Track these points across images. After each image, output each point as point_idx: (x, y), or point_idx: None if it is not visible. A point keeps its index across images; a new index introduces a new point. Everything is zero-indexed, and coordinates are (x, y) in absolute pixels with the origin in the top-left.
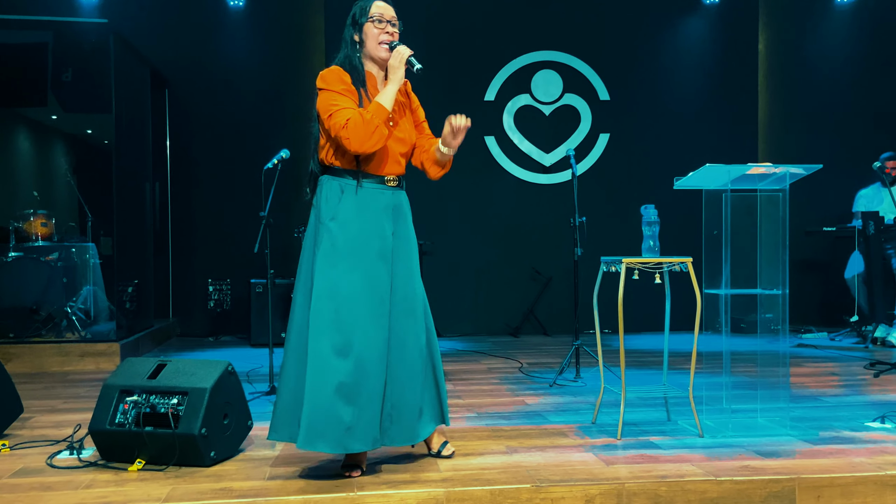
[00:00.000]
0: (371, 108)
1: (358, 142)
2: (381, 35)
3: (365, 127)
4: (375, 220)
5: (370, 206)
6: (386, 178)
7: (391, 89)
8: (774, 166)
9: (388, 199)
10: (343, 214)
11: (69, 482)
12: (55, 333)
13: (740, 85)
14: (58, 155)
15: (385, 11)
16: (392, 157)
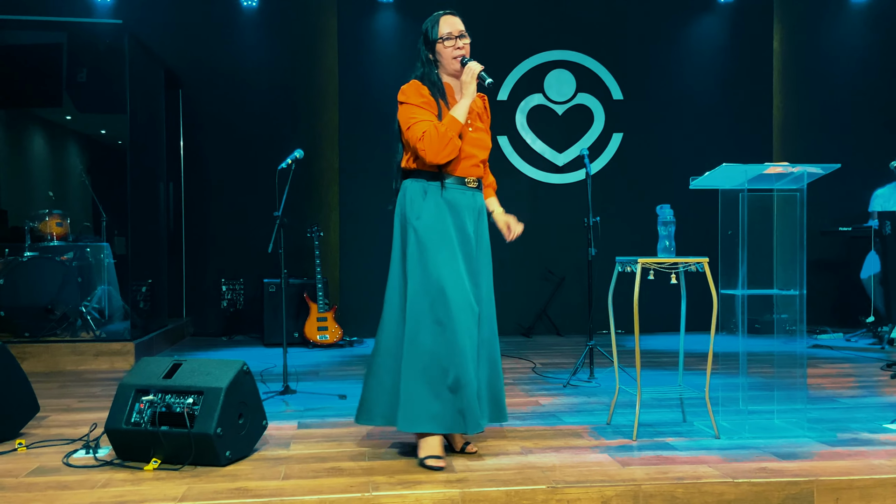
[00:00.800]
0: (445, 121)
1: (433, 153)
2: (454, 52)
3: (439, 139)
4: (458, 219)
5: (453, 206)
6: (466, 180)
7: (464, 103)
8: (792, 166)
9: (469, 199)
10: (427, 214)
11: (85, 481)
12: (70, 333)
13: (755, 84)
14: (72, 155)
15: (453, 28)
16: (472, 160)
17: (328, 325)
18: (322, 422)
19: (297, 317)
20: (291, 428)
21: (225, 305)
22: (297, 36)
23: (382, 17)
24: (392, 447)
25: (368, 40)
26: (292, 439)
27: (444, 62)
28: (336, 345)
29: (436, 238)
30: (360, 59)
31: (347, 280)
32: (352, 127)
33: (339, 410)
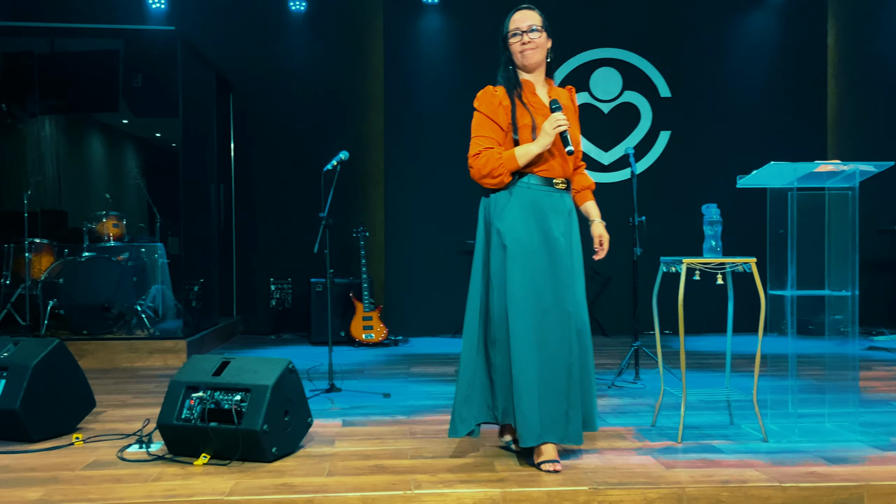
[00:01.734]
0: (506, 155)
1: (477, 175)
2: (518, 46)
3: (489, 167)
4: (543, 221)
5: (538, 208)
6: (554, 181)
7: (534, 150)
8: (843, 164)
9: (557, 201)
10: (510, 216)
11: (138, 475)
12: (126, 331)
13: (808, 80)
14: (129, 158)
15: (521, 23)
16: (560, 159)
17: (373, 325)
18: (366, 420)
19: (343, 316)
20: (336, 425)
21: (273, 304)
22: (343, 39)
23: (428, 19)
24: (434, 446)
25: (414, 42)
26: (337, 437)
27: (516, 60)
28: (381, 344)
29: (518, 241)
30: (406, 60)
31: (392, 280)
32: (397, 128)
33: (384, 409)
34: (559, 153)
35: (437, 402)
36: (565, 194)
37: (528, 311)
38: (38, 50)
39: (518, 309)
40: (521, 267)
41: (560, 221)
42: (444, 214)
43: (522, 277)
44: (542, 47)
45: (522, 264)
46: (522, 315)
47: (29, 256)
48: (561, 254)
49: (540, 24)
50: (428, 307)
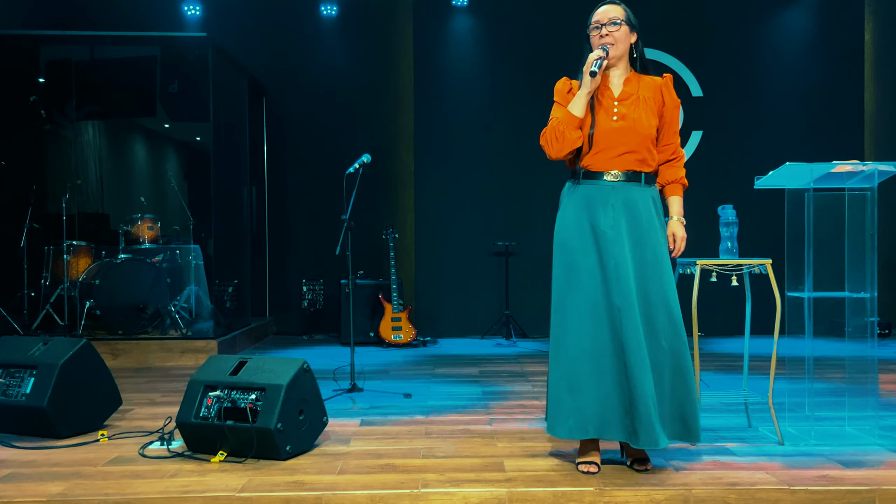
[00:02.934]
0: (561, 115)
1: (549, 149)
2: (597, 40)
3: (552, 135)
4: (590, 216)
5: (587, 202)
6: (606, 175)
7: (580, 94)
8: (861, 164)
9: (608, 194)
10: (563, 212)
11: (157, 471)
12: (160, 331)
13: (845, 78)
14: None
15: (602, 16)
16: (614, 153)
17: (402, 325)
18: (384, 419)
19: (372, 317)
20: (354, 425)
21: (305, 305)
22: (374, 42)
23: (457, 21)
24: (447, 446)
25: (443, 44)
26: (353, 436)
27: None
28: (410, 344)
29: (566, 237)
30: (435, 62)
31: (422, 281)
32: (427, 130)
33: (403, 409)
34: (610, 146)
35: (457, 402)
36: (622, 186)
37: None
38: (76, 57)
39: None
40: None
41: (608, 214)
42: (473, 216)
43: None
44: (623, 41)
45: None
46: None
47: (67, 258)
48: (608, 247)
49: (623, 17)
50: (457, 309)
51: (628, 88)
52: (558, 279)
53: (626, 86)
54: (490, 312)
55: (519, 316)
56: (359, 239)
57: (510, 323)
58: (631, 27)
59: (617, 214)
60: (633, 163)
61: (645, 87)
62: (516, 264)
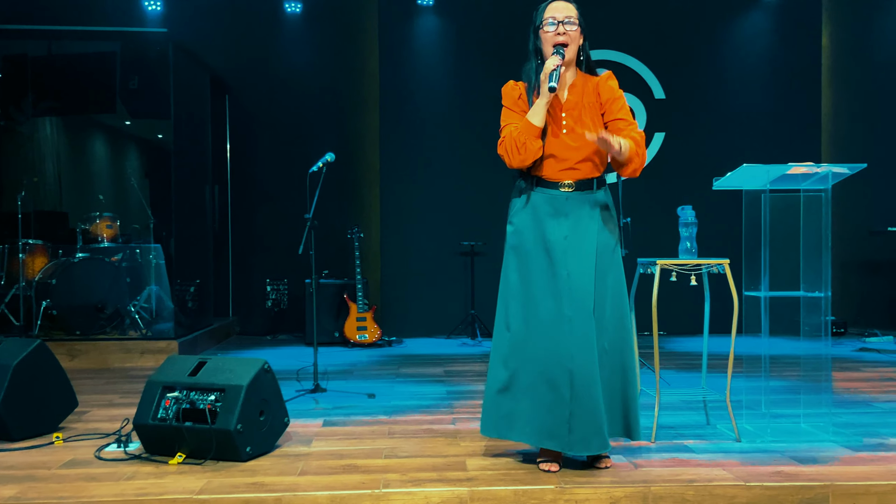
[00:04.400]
0: (521, 125)
1: (509, 158)
2: (553, 37)
3: (513, 144)
4: (543, 225)
5: (539, 211)
6: (560, 185)
7: (538, 103)
8: (816, 166)
9: (561, 204)
10: (517, 218)
11: (113, 474)
12: (119, 331)
13: (803, 82)
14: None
15: (556, 12)
16: (567, 164)
17: (367, 325)
18: (347, 420)
19: (337, 317)
20: (316, 425)
21: (269, 305)
22: (339, 40)
23: (423, 20)
24: (410, 446)
25: (409, 43)
26: (315, 436)
27: (545, 51)
28: (375, 344)
29: (519, 244)
30: (401, 61)
31: (387, 281)
32: (392, 129)
33: (367, 409)
34: (563, 158)
35: (421, 402)
36: (575, 195)
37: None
38: (33, 52)
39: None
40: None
41: (562, 224)
42: (439, 216)
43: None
44: (575, 42)
45: (514, 270)
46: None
47: (23, 257)
48: (560, 257)
49: (576, 17)
50: (423, 308)
51: (573, 97)
52: (509, 285)
53: (571, 93)
54: (456, 312)
55: (485, 316)
56: (324, 238)
57: (476, 322)
58: (582, 29)
59: (571, 224)
60: (585, 171)
61: (588, 92)
62: (482, 264)
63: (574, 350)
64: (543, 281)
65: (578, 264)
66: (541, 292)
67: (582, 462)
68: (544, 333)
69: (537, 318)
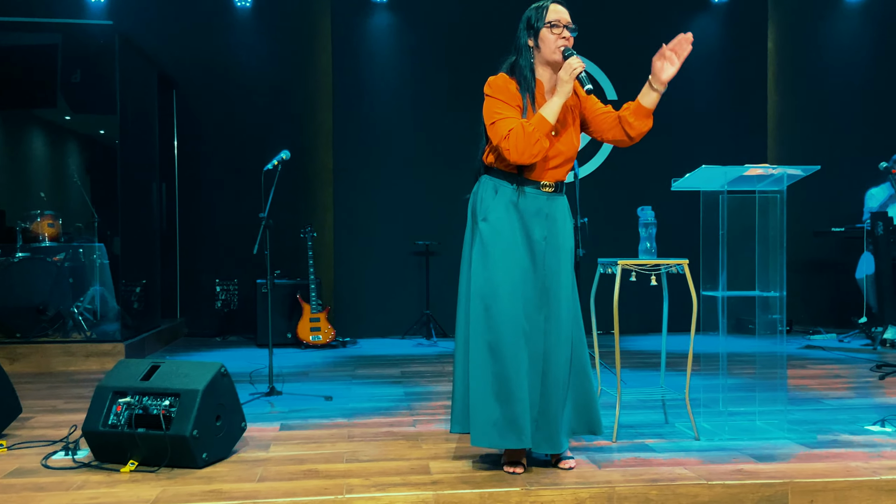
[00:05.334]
0: (534, 121)
1: (518, 153)
2: (558, 40)
3: (526, 139)
4: (525, 224)
5: (521, 210)
6: (542, 184)
7: (557, 102)
8: (772, 167)
9: (542, 204)
10: (494, 216)
11: (62, 483)
12: (62, 334)
13: (749, 84)
14: (71, 155)
15: (562, 16)
16: (551, 164)
17: (321, 326)
18: (305, 423)
19: (290, 317)
20: (273, 430)
21: (219, 306)
22: (291, 36)
23: (376, 18)
24: (371, 449)
25: (362, 40)
26: (273, 441)
27: (545, 51)
28: (329, 345)
29: (499, 242)
30: (354, 59)
31: (341, 281)
32: (346, 127)
33: (324, 412)
34: (553, 157)
35: (379, 404)
36: (553, 197)
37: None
38: None
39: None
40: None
41: (543, 224)
42: (394, 215)
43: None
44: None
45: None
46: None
47: None
48: (539, 256)
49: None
50: (377, 309)
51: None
52: (486, 283)
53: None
54: (410, 312)
55: (439, 315)
56: (276, 238)
57: (431, 322)
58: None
59: (551, 224)
60: (562, 174)
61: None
62: (437, 263)
63: (549, 349)
64: (522, 280)
65: (555, 265)
66: (519, 291)
67: (544, 461)
68: (520, 332)
69: (514, 317)
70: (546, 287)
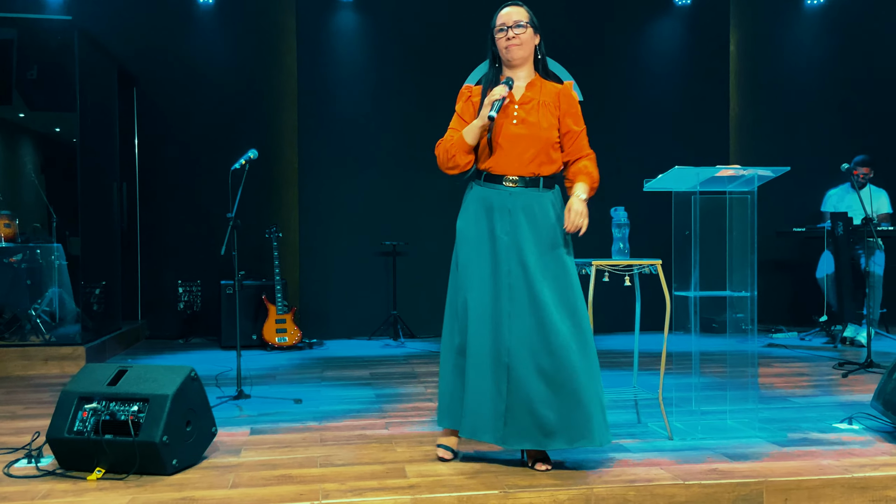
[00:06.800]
0: (456, 137)
1: (440, 165)
2: (503, 42)
3: (444, 154)
4: (487, 221)
5: (485, 206)
6: (505, 179)
7: (475, 123)
8: (743, 168)
9: (505, 199)
10: (463, 216)
11: (25, 492)
12: (19, 337)
13: (712, 86)
14: (26, 154)
15: (507, 18)
16: (514, 157)
17: (287, 328)
18: (275, 427)
19: (255, 319)
20: (244, 434)
21: (182, 307)
22: (255, 34)
23: (342, 17)
24: (345, 453)
25: (328, 39)
26: (244, 446)
27: (501, 55)
28: (295, 347)
29: (463, 243)
30: (320, 58)
31: (307, 281)
32: (311, 126)
33: (295, 415)
34: (511, 151)
35: (350, 406)
36: (519, 191)
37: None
38: None
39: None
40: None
41: (505, 220)
42: (360, 215)
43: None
44: (528, 43)
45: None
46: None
47: None
48: (503, 252)
49: (527, 20)
50: (344, 309)
51: (530, 93)
52: (454, 278)
53: (529, 90)
54: (377, 313)
55: (406, 316)
56: (240, 238)
57: (398, 323)
58: (535, 29)
59: (515, 220)
60: (533, 167)
61: (546, 93)
62: (404, 264)
63: (512, 345)
64: (486, 275)
65: (519, 261)
66: (482, 286)
67: (524, 464)
68: (486, 327)
69: (480, 312)
70: (510, 284)
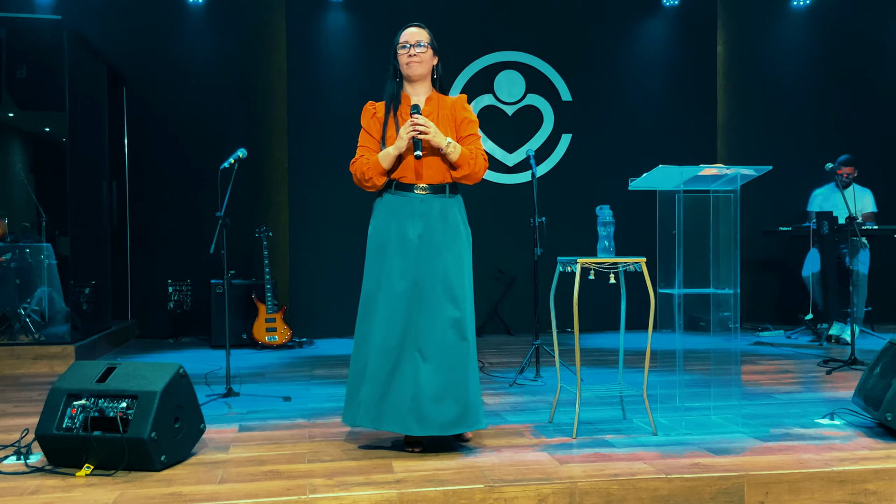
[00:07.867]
0: (372, 160)
1: (356, 182)
2: (405, 58)
3: (360, 176)
4: (398, 226)
5: (395, 213)
6: (416, 188)
7: (390, 151)
8: (726, 167)
9: (416, 206)
10: (375, 219)
11: (14, 488)
12: (8, 336)
13: (699, 86)
14: (15, 153)
15: (410, 37)
16: (423, 169)
17: (277, 326)
18: (264, 424)
19: (245, 318)
20: (232, 431)
21: (172, 307)
22: (245, 33)
23: (332, 17)
24: (333, 449)
25: (317, 39)
26: (232, 442)
27: (402, 70)
28: (285, 346)
29: (375, 243)
30: (310, 57)
31: (297, 280)
32: (301, 126)
33: (284, 413)
34: (417, 162)
35: (339, 404)
36: (430, 198)
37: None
38: None
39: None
40: (370, 267)
41: (417, 224)
42: (350, 214)
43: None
44: (427, 62)
45: (370, 264)
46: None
47: None
48: (412, 252)
49: (427, 41)
50: (334, 308)
51: (429, 107)
52: (367, 280)
53: (428, 104)
54: None
55: None
56: (230, 237)
57: None
58: (434, 51)
59: (424, 224)
60: (438, 176)
61: (443, 106)
62: None
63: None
64: (396, 276)
65: (427, 262)
66: (393, 287)
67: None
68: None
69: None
70: (418, 281)
